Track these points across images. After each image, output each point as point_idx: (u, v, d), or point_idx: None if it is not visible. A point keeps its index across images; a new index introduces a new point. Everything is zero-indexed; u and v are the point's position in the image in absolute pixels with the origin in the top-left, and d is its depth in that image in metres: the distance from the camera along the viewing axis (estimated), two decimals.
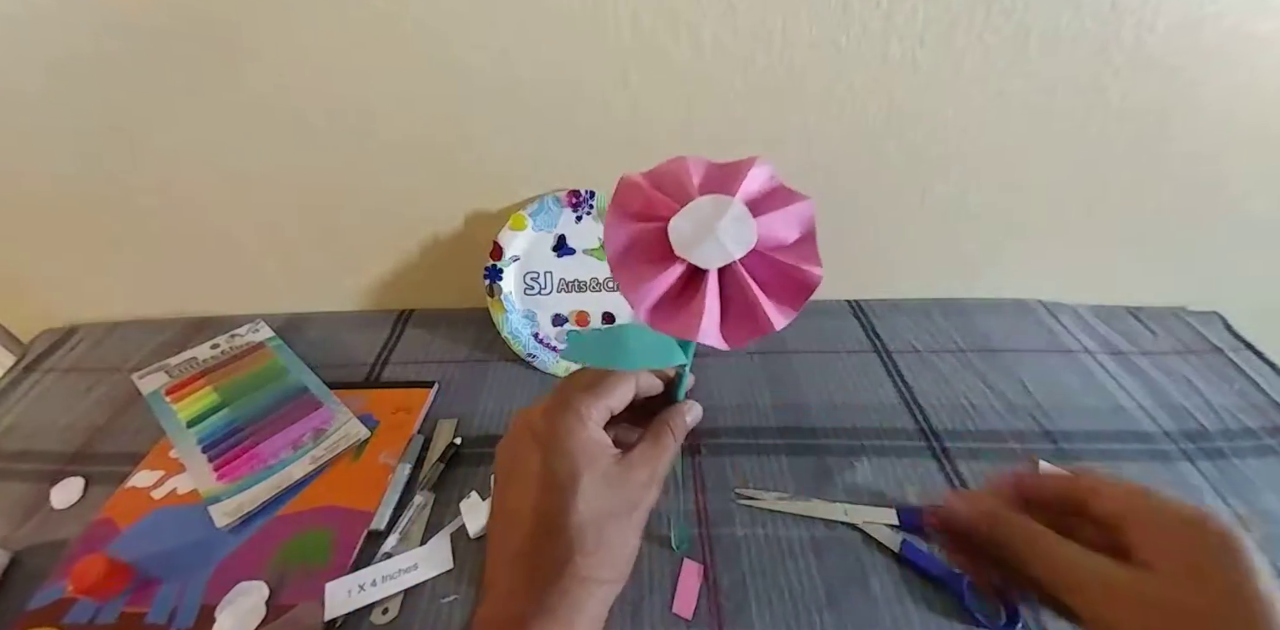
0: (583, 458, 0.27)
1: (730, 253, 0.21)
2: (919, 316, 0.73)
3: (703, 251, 0.21)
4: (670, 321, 0.22)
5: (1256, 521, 0.50)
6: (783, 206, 0.22)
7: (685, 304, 0.22)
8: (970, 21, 0.53)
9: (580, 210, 0.64)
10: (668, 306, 0.22)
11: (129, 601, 0.45)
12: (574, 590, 0.25)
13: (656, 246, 0.22)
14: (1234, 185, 0.66)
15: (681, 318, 0.22)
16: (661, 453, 0.29)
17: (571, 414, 0.27)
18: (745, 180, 0.22)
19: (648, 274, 0.22)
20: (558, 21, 0.52)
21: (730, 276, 0.22)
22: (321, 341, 0.71)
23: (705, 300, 0.21)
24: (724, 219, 0.21)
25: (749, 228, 0.21)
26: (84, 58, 0.54)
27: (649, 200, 0.23)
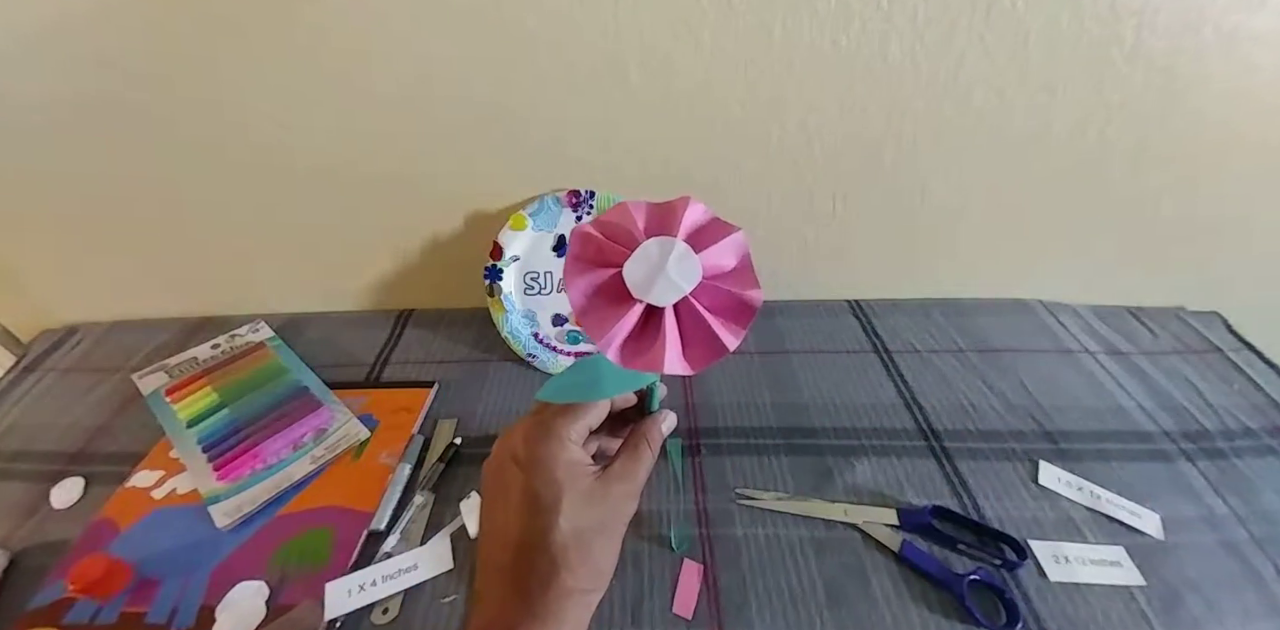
0: (564, 480, 0.28)
1: (681, 288, 0.24)
2: (919, 316, 0.73)
3: (657, 291, 0.24)
4: (637, 358, 0.24)
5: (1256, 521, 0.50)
6: (719, 239, 0.24)
7: (649, 340, 0.24)
8: (970, 21, 0.53)
9: (580, 210, 0.64)
10: (633, 344, 0.25)
11: (129, 601, 0.45)
12: (561, 600, 0.27)
13: (615, 290, 0.24)
14: (1234, 185, 0.66)
15: (647, 354, 0.24)
16: (639, 466, 0.31)
17: (553, 438, 0.29)
18: (684, 219, 0.24)
19: (611, 317, 0.24)
20: (557, 22, 0.52)
21: (684, 308, 0.24)
22: (321, 341, 0.71)
23: (666, 334, 0.24)
24: (670, 258, 0.24)
25: (693, 263, 0.24)
26: (84, 54, 0.54)
27: (601, 248, 0.25)
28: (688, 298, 0.24)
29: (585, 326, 0.25)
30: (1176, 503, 0.51)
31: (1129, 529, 0.49)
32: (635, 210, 0.25)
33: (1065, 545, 0.48)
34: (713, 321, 0.24)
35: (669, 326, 0.24)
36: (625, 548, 0.47)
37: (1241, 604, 0.44)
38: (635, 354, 0.24)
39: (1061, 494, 0.52)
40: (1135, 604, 0.44)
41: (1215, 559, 0.47)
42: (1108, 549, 0.48)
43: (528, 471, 0.29)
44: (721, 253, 0.24)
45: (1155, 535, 0.49)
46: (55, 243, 0.70)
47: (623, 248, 0.24)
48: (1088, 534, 0.49)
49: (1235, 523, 0.50)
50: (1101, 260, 0.74)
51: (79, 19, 0.52)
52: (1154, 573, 0.46)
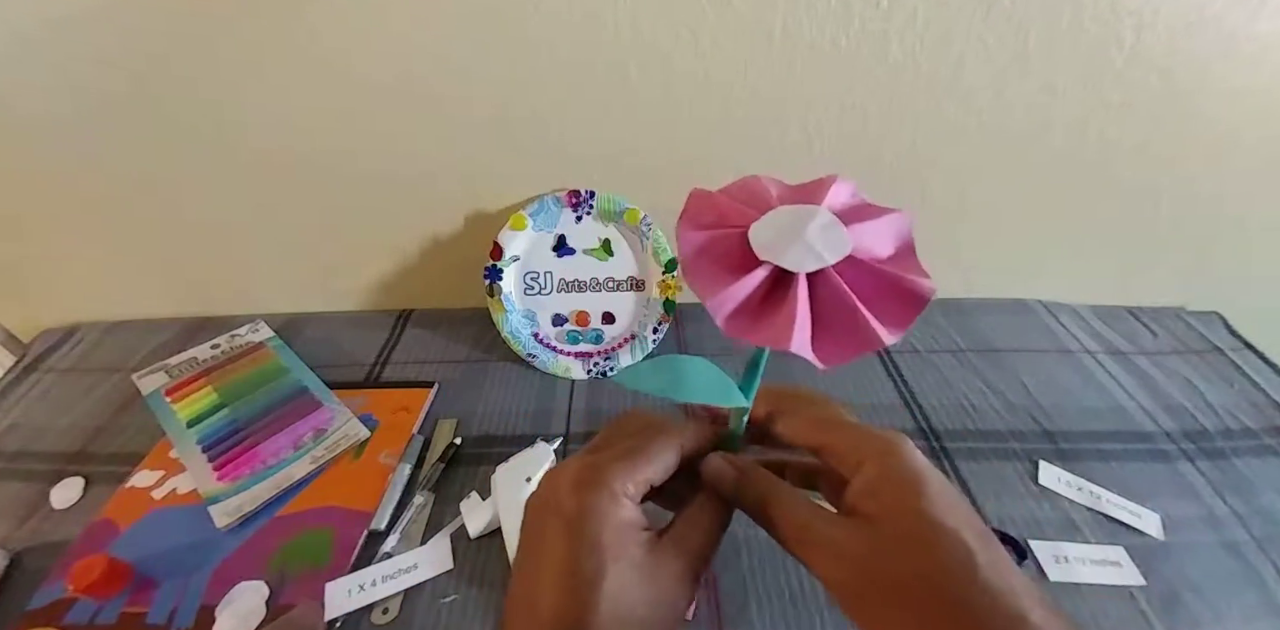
0: (610, 546, 0.23)
1: (823, 257, 0.19)
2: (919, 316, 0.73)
3: (791, 255, 0.19)
4: (753, 331, 0.19)
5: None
6: (873, 218, 0.20)
7: (770, 312, 0.19)
8: (970, 21, 0.53)
9: (580, 210, 0.64)
10: (749, 314, 0.19)
11: (129, 601, 0.45)
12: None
13: (735, 253, 0.20)
14: (1234, 185, 0.66)
15: (766, 325, 0.19)
16: (703, 535, 0.25)
17: (604, 492, 0.24)
18: (829, 195, 0.20)
19: (726, 278, 0.19)
20: (557, 22, 0.52)
21: (823, 285, 0.19)
22: (321, 341, 0.71)
23: (796, 304, 0.18)
24: (811, 225, 0.19)
25: (840, 235, 0.19)
26: (84, 55, 0.54)
27: (723, 210, 0.21)
28: (830, 271, 0.19)
29: (695, 285, 0.20)
30: (1176, 503, 0.51)
31: (1129, 529, 0.49)
32: (769, 182, 0.21)
33: (1065, 545, 0.48)
34: (861, 306, 0.19)
35: (800, 297, 0.19)
36: None
37: (1241, 604, 0.44)
38: (750, 324, 0.19)
39: (1061, 494, 0.52)
40: (1135, 604, 0.44)
41: (1215, 559, 0.47)
42: (1108, 549, 0.48)
43: (571, 530, 0.23)
44: (876, 234, 0.20)
45: (1155, 535, 0.49)
46: (55, 243, 0.70)
47: (752, 210, 0.20)
48: (1088, 534, 0.49)
49: (1235, 523, 0.50)
50: (1101, 260, 0.74)
51: (79, 19, 0.52)
52: (1154, 573, 0.46)
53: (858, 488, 0.23)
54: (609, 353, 0.66)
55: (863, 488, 0.23)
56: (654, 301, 0.66)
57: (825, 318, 0.19)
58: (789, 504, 0.24)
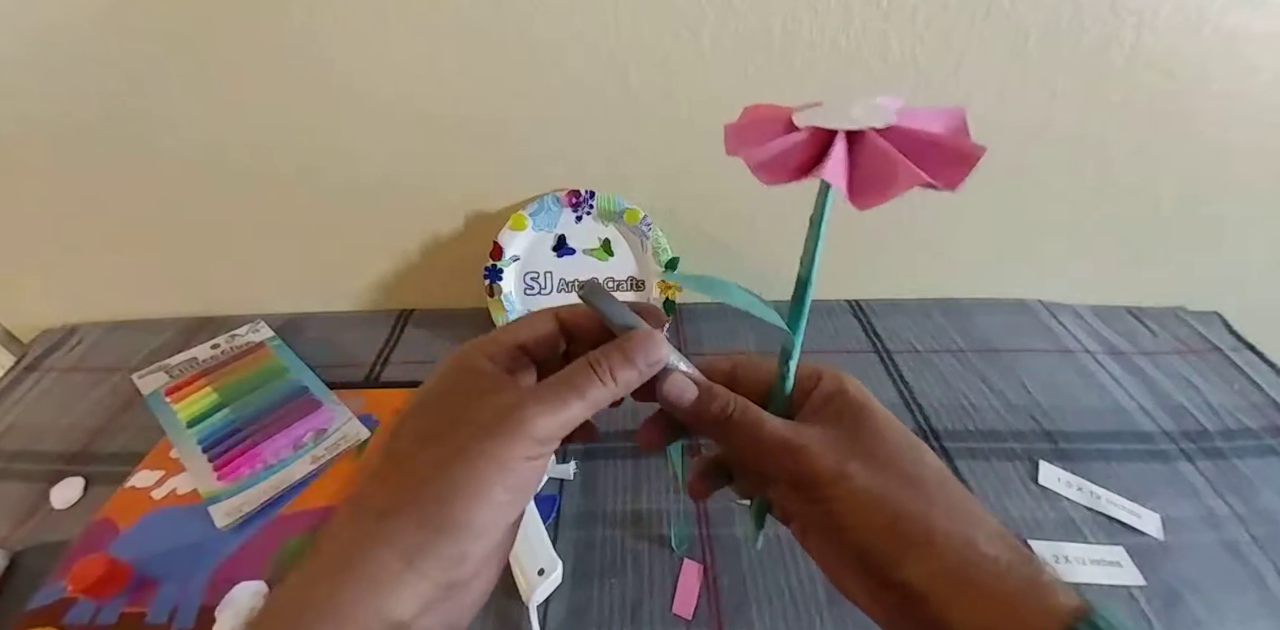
0: (440, 376, 0.24)
1: (862, 122, 0.19)
2: (919, 316, 0.73)
3: (831, 121, 0.19)
4: (784, 170, 0.19)
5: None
6: (924, 110, 0.20)
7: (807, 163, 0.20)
8: (970, 21, 0.53)
9: (580, 210, 0.64)
10: (783, 160, 0.20)
11: (129, 601, 0.45)
12: (338, 525, 0.22)
13: (777, 127, 0.20)
14: (1234, 185, 0.66)
15: (801, 168, 0.19)
16: (563, 400, 0.23)
17: (462, 349, 0.25)
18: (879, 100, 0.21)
19: (765, 139, 0.20)
20: (558, 22, 0.52)
21: (865, 146, 0.19)
22: (321, 341, 0.71)
23: (834, 150, 0.19)
24: (856, 105, 0.20)
25: (884, 111, 0.19)
26: (85, 55, 0.54)
27: (769, 110, 0.21)
28: (870, 133, 0.19)
29: (733, 142, 0.21)
30: (1176, 503, 0.51)
31: (1129, 529, 0.49)
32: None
33: (1065, 545, 0.48)
34: (901, 157, 0.18)
35: (839, 146, 0.19)
36: (625, 547, 0.48)
37: (1241, 604, 0.44)
38: (781, 166, 0.20)
39: (1061, 494, 0.52)
40: (1135, 604, 0.44)
41: (1215, 559, 0.47)
42: (1108, 549, 0.48)
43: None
44: (925, 118, 0.19)
45: (1155, 535, 0.49)
46: (55, 243, 0.70)
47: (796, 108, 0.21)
48: (1088, 534, 0.49)
49: (1235, 523, 0.50)
50: (1101, 260, 0.74)
51: (79, 21, 0.52)
52: (1154, 573, 0.46)
53: (825, 391, 0.26)
54: None
55: (832, 390, 0.26)
56: (654, 301, 0.66)
57: (866, 173, 0.19)
58: (756, 415, 0.25)
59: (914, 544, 0.22)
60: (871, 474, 0.23)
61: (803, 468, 0.24)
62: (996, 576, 0.21)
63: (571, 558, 0.47)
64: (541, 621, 0.43)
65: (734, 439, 0.26)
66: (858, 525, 0.23)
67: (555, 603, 0.45)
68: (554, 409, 0.23)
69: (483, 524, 0.22)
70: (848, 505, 0.23)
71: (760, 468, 0.26)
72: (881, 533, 0.22)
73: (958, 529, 0.22)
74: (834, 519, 0.23)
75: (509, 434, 0.22)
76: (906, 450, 0.24)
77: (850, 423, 0.25)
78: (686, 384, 0.26)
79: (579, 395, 0.23)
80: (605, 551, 0.48)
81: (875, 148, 0.19)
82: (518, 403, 0.22)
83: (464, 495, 0.21)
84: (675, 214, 0.66)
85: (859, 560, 0.23)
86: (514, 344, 0.26)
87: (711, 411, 0.25)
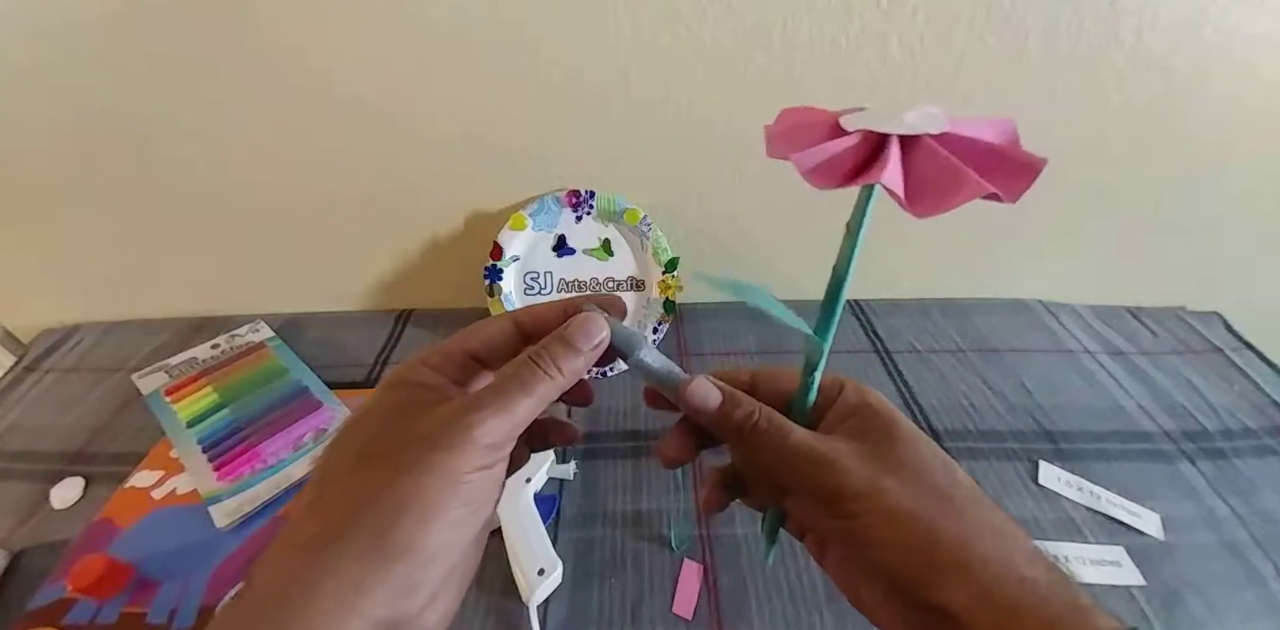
0: (377, 397, 0.23)
1: (917, 127, 0.18)
2: (919, 316, 0.73)
3: (884, 126, 0.18)
4: (834, 175, 0.18)
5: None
6: (975, 119, 0.19)
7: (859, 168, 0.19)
8: (970, 21, 0.53)
9: (580, 210, 0.64)
10: (834, 166, 0.19)
11: (129, 601, 0.45)
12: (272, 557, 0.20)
13: (823, 131, 0.19)
14: (1234, 186, 0.66)
15: (853, 172, 0.18)
16: (509, 400, 0.22)
17: (407, 363, 0.24)
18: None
19: (811, 144, 0.19)
20: (557, 22, 0.52)
21: (920, 152, 0.18)
22: (321, 341, 0.71)
23: (889, 153, 0.18)
24: (909, 112, 0.19)
25: (937, 118, 0.18)
26: (85, 57, 0.54)
27: (810, 112, 0.20)
28: (927, 140, 0.18)
29: (778, 147, 0.20)
30: (1176, 503, 0.51)
31: (1129, 529, 0.49)
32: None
33: (1065, 545, 0.48)
34: (961, 165, 0.18)
35: (893, 151, 0.18)
36: (625, 547, 0.48)
37: (1241, 604, 0.44)
38: (832, 171, 0.18)
39: (1061, 494, 0.52)
40: (1135, 604, 0.44)
41: (1215, 559, 0.47)
42: (1108, 549, 0.48)
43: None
44: (977, 127, 0.19)
45: (1155, 535, 0.49)
46: (55, 243, 0.70)
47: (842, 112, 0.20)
48: (1088, 534, 0.49)
49: (1235, 523, 0.50)
50: (1101, 260, 0.74)
51: (81, 25, 0.52)
52: (1154, 573, 0.46)
53: (848, 402, 0.25)
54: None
55: (855, 401, 0.25)
56: (654, 301, 0.66)
57: (924, 180, 0.18)
58: (782, 424, 0.24)
59: (951, 565, 0.20)
60: (905, 490, 0.22)
61: (832, 481, 0.22)
62: (1040, 601, 0.20)
63: (571, 558, 0.47)
64: (541, 621, 0.43)
65: (758, 449, 0.24)
66: (890, 543, 0.22)
67: (555, 603, 0.45)
68: (500, 411, 0.21)
69: (436, 546, 0.20)
70: (879, 522, 0.22)
71: (784, 479, 0.25)
72: (916, 552, 0.21)
73: (996, 550, 0.21)
74: (863, 535, 0.22)
75: (455, 445, 0.20)
76: (939, 466, 0.23)
77: (878, 436, 0.24)
78: (710, 389, 0.25)
79: (525, 393, 0.22)
80: (605, 551, 0.48)
81: (934, 154, 0.18)
82: (461, 410, 0.21)
83: (412, 516, 0.19)
84: (675, 214, 0.66)
85: (887, 580, 0.22)
86: (463, 353, 0.24)
87: (735, 419, 0.24)
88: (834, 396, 0.26)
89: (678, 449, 0.27)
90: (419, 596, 0.19)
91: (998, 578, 0.20)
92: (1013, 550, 0.21)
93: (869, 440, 0.24)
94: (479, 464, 0.21)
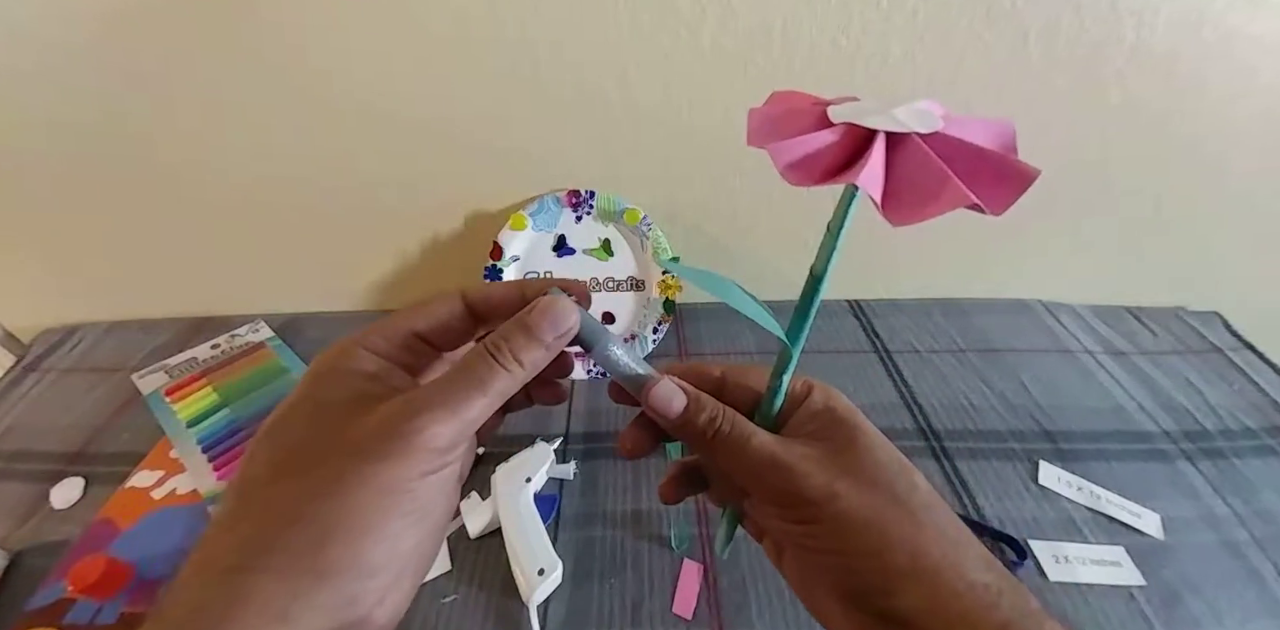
0: (306, 384, 0.21)
1: (906, 125, 0.17)
2: (919, 316, 0.73)
3: (871, 120, 0.17)
4: (813, 174, 0.17)
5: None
6: (971, 119, 0.18)
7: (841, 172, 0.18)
8: (970, 21, 0.53)
9: (580, 210, 0.64)
10: (815, 161, 0.18)
11: (129, 601, 0.45)
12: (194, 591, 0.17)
13: (809, 120, 0.18)
14: (1234, 186, 0.66)
15: (834, 169, 0.17)
16: (461, 398, 0.19)
17: (343, 344, 0.22)
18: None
19: (796, 133, 0.18)
20: (557, 22, 0.52)
21: (906, 151, 0.17)
22: (321, 341, 0.71)
23: (871, 152, 0.17)
24: (899, 107, 0.17)
25: (930, 116, 0.17)
26: (85, 58, 0.54)
27: (799, 101, 0.19)
28: (913, 138, 0.17)
29: (759, 137, 0.19)
30: (1176, 503, 0.51)
31: (1129, 529, 0.49)
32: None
33: (1065, 545, 0.48)
34: (946, 171, 0.17)
35: (877, 148, 0.17)
36: (625, 547, 0.48)
37: (1241, 604, 0.44)
38: (810, 167, 0.17)
39: (1061, 494, 0.52)
40: (1135, 604, 0.44)
41: (1215, 559, 0.47)
42: (1108, 549, 0.48)
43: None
44: (972, 129, 0.18)
45: (1155, 535, 0.49)
46: (55, 243, 0.70)
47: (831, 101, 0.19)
48: (1088, 534, 0.49)
49: (1235, 523, 0.50)
50: (1101, 260, 0.74)
51: (80, 26, 0.52)
52: (1154, 573, 0.46)
53: (814, 406, 0.25)
54: None
55: (821, 405, 0.24)
56: (654, 301, 0.66)
57: (905, 184, 0.17)
58: (743, 429, 0.24)
59: (904, 572, 0.21)
60: (860, 494, 0.22)
61: (789, 486, 0.22)
62: (990, 606, 0.20)
63: (571, 558, 0.47)
64: (541, 621, 0.43)
65: (718, 452, 0.24)
66: (843, 549, 0.22)
67: (555, 603, 0.45)
68: (452, 411, 0.19)
69: (377, 561, 0.18)
70: (834, 527, 0.22)
71: (743, 483, 0.24)
72: (868, 558, 0.21)
73: (948, 556, 0.21)
74: (817, 541, 0.22)
75: (394, 453, 0.18)
76: (897, 471, 0.23)
77: (841, 440, 0.23)
78: (675, 392, 0.24)
79: (480, 389, 0.20)
80: (605, 551, 0.48)
81: (919, 156, 0.17)
82: (402, 413, 0.19)
83: (346, 534, 0.17)
84: (675, 214, 0.66)
85: (841, 584, 0.22)
86: (407, 333, 0.22)
87: (698, 424, 0.24)
88: (801, 399, 0.25)
89: (636, 441, 0.26)
90: (361, 607, 0.18)
91: (949, 584, 0.20)
92: (963, 555, 0.21)
93: (830, 445, 0.23)
94: (424, 470, 0.19)
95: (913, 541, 0.21)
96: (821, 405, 0.25)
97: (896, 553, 0.21)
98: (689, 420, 0.24)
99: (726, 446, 0.24)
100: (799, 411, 0.25)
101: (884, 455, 0.23)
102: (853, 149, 0.18)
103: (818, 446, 0.23)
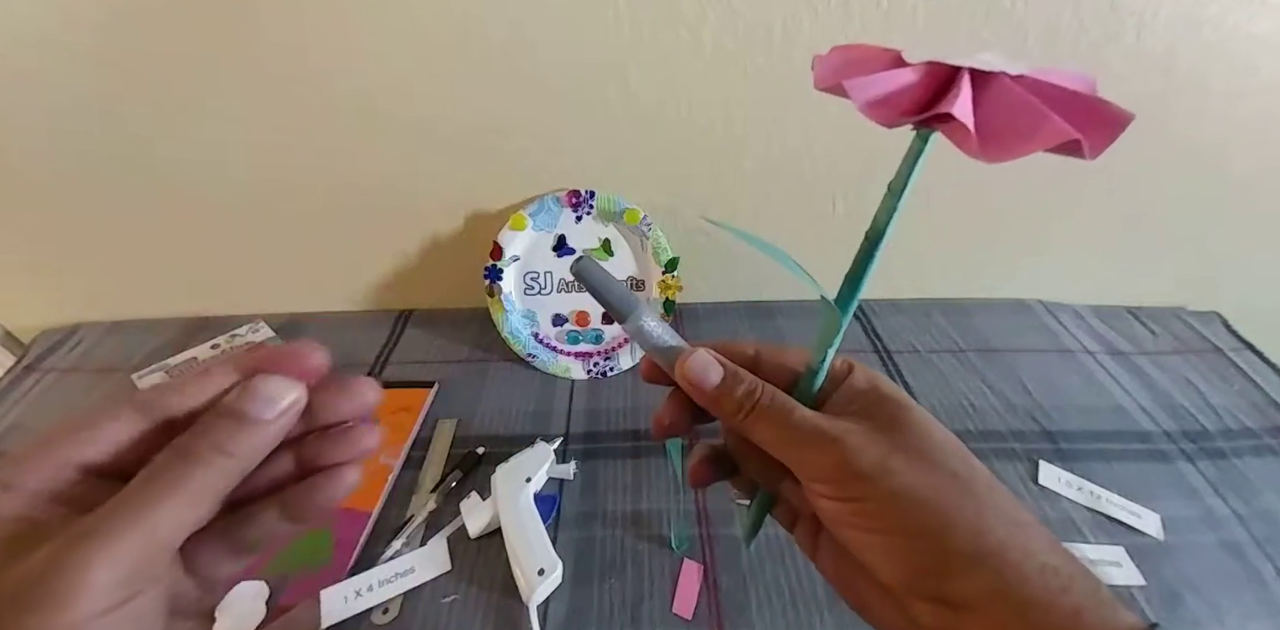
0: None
1: (992, 64, 0.16)
2: (919, 316, 0.73)
3: (956, 60, 0.16)
4: (897, 110, 0.16)
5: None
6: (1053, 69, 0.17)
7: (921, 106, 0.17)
8: (970, 21, 0.53)
9: (580, 210, 0.64)
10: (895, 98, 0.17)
11: None
12: None
13: (883, 64, 0.17)
14: (1234, 186, 0.66)
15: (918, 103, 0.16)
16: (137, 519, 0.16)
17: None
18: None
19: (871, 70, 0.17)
20: (557, 22, 0.52)
21: (994, 91, 0.16)
22: (321, 341, 0.70)
23: (960, 87, 0.16)
24: (979, 53, 0.17)
25: (1013, 62, 0.16)
26: (85, 59, 0.54)
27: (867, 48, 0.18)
28: (1002, 77, 0.16)
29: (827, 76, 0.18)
30: (1176, 503, 0.51)
31: (1129, 529, 0.49)
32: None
33: (1065, 545, 0.48)
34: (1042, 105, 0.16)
35: (964, 85, 0.16)
36: (625, 547, 0.48)
37: (1241, 604, 0.44)
38: (893, 103, 0.16)
39: (1061, 494, 0.52)
40: (1135, 604, 0.44)
41: (1215, 559, 0.47)
42: (1108, 549, 0.48)
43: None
44: (1058, 77, 0.17)
45: (1155, 535, 0.49)
46: (55, 243, 0.70)
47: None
48: (1088, 534, 0.49)
49: (1235, 523, 0.50)
50: (1101, 260, 0.74)
51: (80, 29, 0.52)
52: (1154, 573, 0.46)
53: (856, 385, 0.24)
54: (609, 353, 0.66)
55: (864, 384, 0.24)
56: (654, 301, 0.66)
57: (998, 121, 0.16)
58: (785, 402, 0.23)
59: (966, 553, 0.19)
60: (917, 472, 0.20)
61: (838, 460, 0.21)
62: (1061, 590, 0.18)
63: (571, 558, 0.47)
64: (541, 621, 0.43)
65: (757, 427, 0.23)
66: (899, 529, 0.20)
67: (555, 603, 0.45)
68: (122, 535, 0.16)
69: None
70: (889, 506, 0.20)
71: (785, 459, 0.23)
72: (926, 538, 0.20)
73: (1014, 536, 0.19)
74: (869, 520, 0.21)
75: (61, 593, 0.15)
76: (954, 451, 0.22)
77: (888, 420, 0.22)
78: (710, 363, 0.23)
79: (169, 491, 0.16)
80: (605, 551, 0.48)
81: (1011, 94, 0.16)
82: (65, 545, 0.15)
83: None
84: (675, 214, 0.66)
85: (892, 568, 0.21)
86: (72, 466, 0.17)
87: (735, 396, 0.23)
88: (841, 379, 0.24)
89: (671, 417, 0.25)
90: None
91: (1017, 566, 0.19)
92: (1030, 537, 0.20)
93: (877, 423, 0.22)
94: (102, 608, 0.15)
95: (976, 522, 0.20)
96: (866, 384, 0.24)
97: (958, 533, 0.19)
98: (725, 393, 0.23)
99: (767, 420, 0.22)
100: (839, 391, 0.24)
101: (940, 434, 0.22)
102: (934, 90, 0.17)
103: (865, 423, 0.22)
